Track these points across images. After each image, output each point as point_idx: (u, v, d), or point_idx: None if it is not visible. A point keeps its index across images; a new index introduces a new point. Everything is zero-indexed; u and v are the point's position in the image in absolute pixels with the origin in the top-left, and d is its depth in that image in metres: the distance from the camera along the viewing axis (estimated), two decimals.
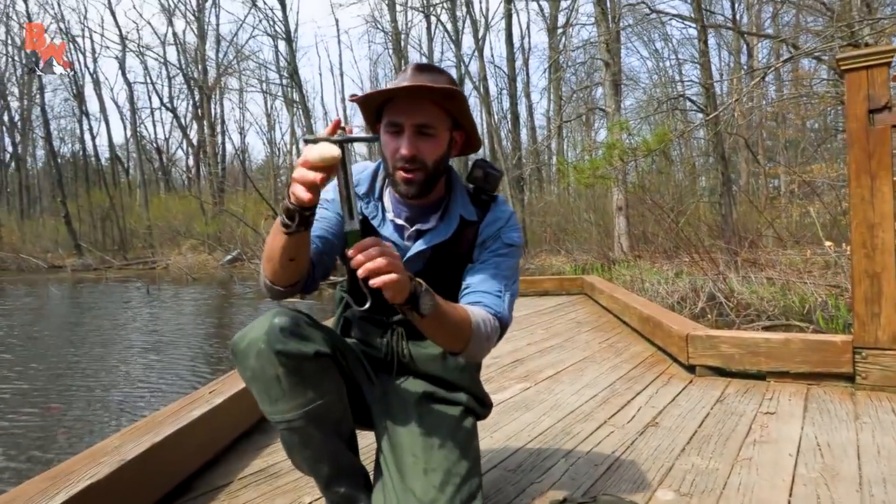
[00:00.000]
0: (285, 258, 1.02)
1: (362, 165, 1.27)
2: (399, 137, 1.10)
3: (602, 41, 11.09)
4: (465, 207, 1.22)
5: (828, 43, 7.10)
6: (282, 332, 1.02)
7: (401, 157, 1.09)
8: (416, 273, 1.18)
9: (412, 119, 1.09)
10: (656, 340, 3.18)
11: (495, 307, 1.15)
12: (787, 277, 5.22)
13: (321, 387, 1.07)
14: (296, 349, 1.03)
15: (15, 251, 24.08)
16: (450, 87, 1.07)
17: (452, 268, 1.22)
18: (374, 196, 1.22)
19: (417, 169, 1.10)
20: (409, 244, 1.20)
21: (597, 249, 10.87)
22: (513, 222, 1.25)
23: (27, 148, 31.85)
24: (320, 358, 1.06)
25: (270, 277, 1.07)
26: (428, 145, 1.11)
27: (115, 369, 5.14)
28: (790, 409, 2.08)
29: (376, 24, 23.66)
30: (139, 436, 1.48)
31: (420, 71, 1.12)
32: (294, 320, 1.05)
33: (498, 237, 1.22)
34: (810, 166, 11.18)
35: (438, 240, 1.18)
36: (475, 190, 1.25)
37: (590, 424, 2.01)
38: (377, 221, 1.21)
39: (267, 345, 1.01)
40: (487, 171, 1.24)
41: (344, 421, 1.15)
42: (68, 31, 27.82)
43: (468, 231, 1.21)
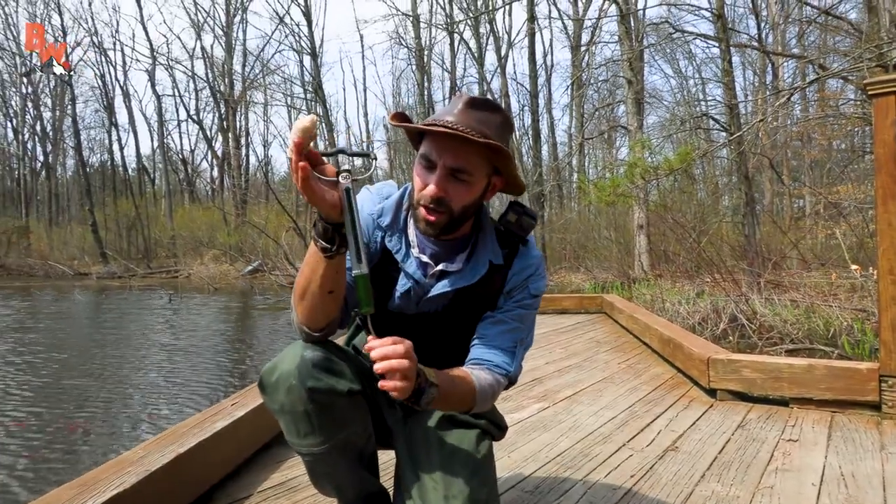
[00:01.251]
0: (325, 290, 0.98)
1: (385, 190, 1.21)
2: (430, 174, 1.04)
3: (625, 59, 11.10)
4: (494, 250, 1.15)
5: (856, 64, 7.03)
6: (314, 368, 1.00)
7: (427, 196, 1.04)
8: (436, 313, 1.18)
9: (447, 160, 1.03)
10: (677, 363, 3.15)
11: (506, 367, 1.13)
12: (811, 300, 5.13)
13: (350, 421, 1.08)
14: (328, 386, 1.01)
15: (43, 258, 24.67)
16: (495, 143, 1.00)
17: (473, 309, 1.18)
18: (398, 228, 1.15)
19: (441, 212, 1.05)
20: (432, 282, 1.15)
21: (617, 268, 10.79)
22: (541, 271, 1.21)
23: (58, 157, 32.74)
24: (352, 395, 1.05)
25: (307, 321, 1.03)
26: (459, 190, 1.05)
27: (137, 378, 5.23)
28: (813, 437, 2.05)
29: (400, 40, 23.96)
30: (164, 446, 1.51)
31: (471, 107, 1.03)
32: (326, 354, 1.03)
33: (525, 287, 1.18)
34: (836, 187, 11.02)
35: (463, 284, 1.14)
36: (505, 231, 1.18)
37: (608, 447, 2.00)
38: (401, 256, 1.14)
39: (299, 381, 0.99)
40: (522, 216, 1.17)
41: (367, 446, 1.16)
42: (101, 44, 28.65)
43: (494, 275, 1.16)
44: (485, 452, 1.17)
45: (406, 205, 1.17)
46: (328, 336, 1.08)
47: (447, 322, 1.19)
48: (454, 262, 1.15)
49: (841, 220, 9.27)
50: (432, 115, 1.06)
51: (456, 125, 1.00)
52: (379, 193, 1.20)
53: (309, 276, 1.00)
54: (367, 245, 1.15)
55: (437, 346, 1.23)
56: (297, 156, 0.86)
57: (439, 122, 1.02)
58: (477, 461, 1.15)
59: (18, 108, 30.86)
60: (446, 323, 1.19)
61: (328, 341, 1.08)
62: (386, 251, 1.15)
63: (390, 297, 1.17)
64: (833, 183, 11.92)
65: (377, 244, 1.16)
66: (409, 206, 1.17)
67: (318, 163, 0.91)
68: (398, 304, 1.17)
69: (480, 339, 1.16)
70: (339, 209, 0.91)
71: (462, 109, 1.03)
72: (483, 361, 1.13)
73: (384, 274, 1.16)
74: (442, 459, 1.13)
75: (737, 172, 10.35)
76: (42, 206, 32.53)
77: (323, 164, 0.92)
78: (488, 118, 1.04)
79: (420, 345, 1.24)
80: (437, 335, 1.20)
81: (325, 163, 0.92)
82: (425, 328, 1.19)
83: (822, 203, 11.20)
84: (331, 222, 0.93)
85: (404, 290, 1.15)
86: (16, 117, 31.11)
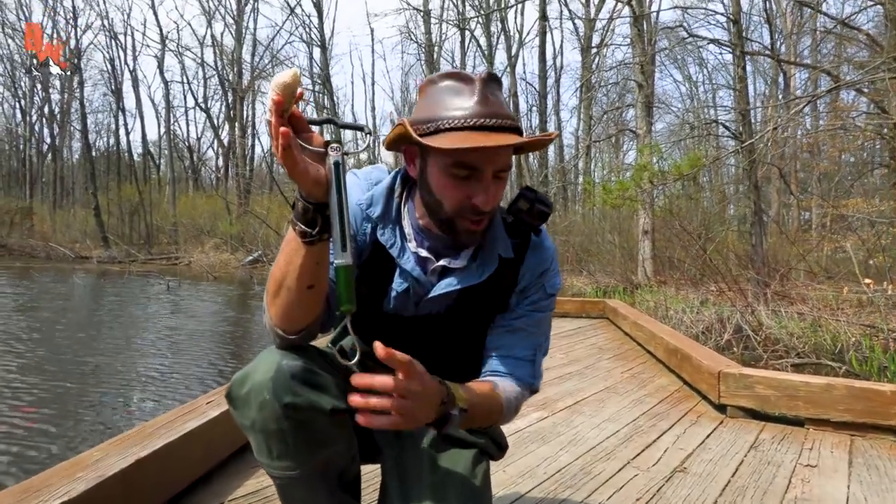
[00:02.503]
0: (303, 284, 0.83)
1: (374, 175, 1.05)
2: (469, 183, 0.89)
3: (637, 63, 10.93)
4: (503, 243, 1.01)
5: (872, 75, 6.87)
6: (293, 380, 0.85)
7: (474, 209, 0.90)
8: (438, 315, 1.03)
9: (496, 165, 0.89)
10: (683, 374, 3.01)
11: (528, 378, 1.04)
12: (819, 314, 4.99)
13: (331, 442, 0.93)
14: (307, 402, 0.86)
15: (45, 240, 24.62)
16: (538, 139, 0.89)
17: (481, 310, 1.05)
18: (390, 219, 1.00)
19: (486, 217, 0.93)
20: (433, 279, 1.00)
21: (620, 272, 10.65)
22: (556, 265, 1.08)
23: (64, 140, 32.68)
24: (335, 413, 0.90)
25: (282, 321, 0.88)
26: (500, 189, 0.93)
27: (124, 367, 5.10)
28: (833, 464, 1.90)
29: (410, 35, 23.79)
30: (125, 448, 1.37)
31: (489, 90, 0.89)
32: (306, 364, 0.87)
33: (541, 286, 1.05)
34: (845, 201, 10.87)
35: (471, 283, 0.99)
36: (514, 221, 1.03)
37: (612, 464, 1.86)
38: (395, 251, 0.99)
39: (273, 395, 0.84)
40: (536, 205, 1.01)
41: (350, 468, 1.02)
42: (111, 28, 28.56)
43: (504, 270, 1.02)
44: (481, 477, 1.03)
45: (399, 191, 1.02)
46: (307, 340, 0.92)
47: (451, 325, 1.04)
48: (458, 257, 1.00)
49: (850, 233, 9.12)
50: (436, 109, 0.89)
51: (488, 120, 0.86)
52: (367, 179, 1.04)
53: (285, 268, 0.84)
54: (354, 237, 0.99)
55: (439, 352, 1.08)
56: (278, 118, 0.72)
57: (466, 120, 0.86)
58: (473, 488, 1.00)
59: (27, 90, 30.81)
60: (450, 326, 1.04)
61: (310, 347, 0.92)
62: (377, 245, 1.00)
63: (385, 298, 1.02)
64: (841, 196, 11.77)
65: (366, 237, 1.00)
66: (402, 194, 1.02)
67: (303, 129, 0.77)
68: (394, 306, 1.02)
69: (496, 349, 1.04)
70: (323, 187, 0.76)
71: (482, 97, 0.88)
72: (503, 374, 1.02)
73: (377, 271, 1.01)
74: (433, 484, 0.98)
75: (746, 181, 10.20)
76: (47, 188, 32.45)
77: (309, 132, 0.77)
78: (502, 98, 0.91)
79: (420, 351, 1.09)
80: (440, 340, 1.06)
81: (311, 130, 0.78)
82: (425, 332, 1.04)
83: (830, 216, 11.05)
84: (312, 201, 0.78)
85: (402, 289, 1.00)
86: (24, 99, 31.08)
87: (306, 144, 0.76)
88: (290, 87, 0.70)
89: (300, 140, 0.76)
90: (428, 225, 0.98)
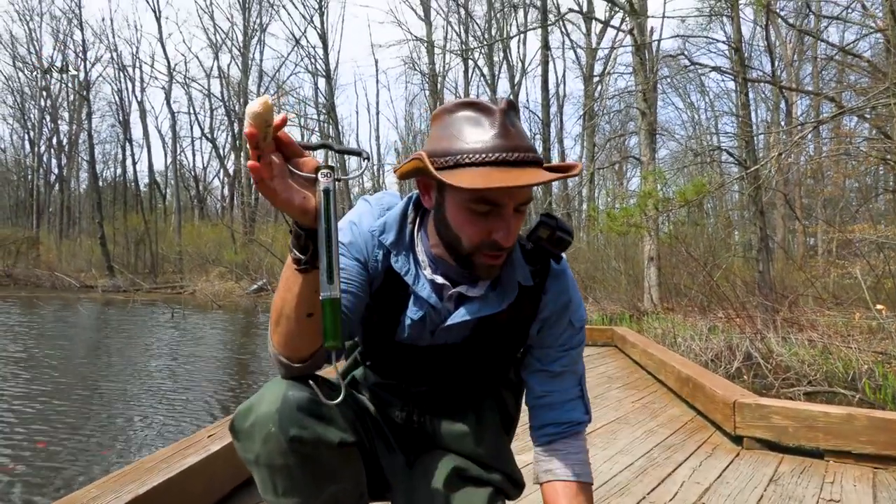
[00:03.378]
0: (301, 312, 0.80)
1: (386, 200, 1.03)
2: (488, 219, 0.86)
3: (639, 90, 11.02)
4: (523, 271, 0.98)
5: (875, 101, 6.89)
6: (299, 412, 0.82)
7: (493, 244, 0.87)
8: (456, 344, 1.00)
9: (516, 199, 0.86)
10: (696, 404, 2.93)
11: (582, 417, 1.06)
12: (829, 340, 4.92)
13: (339, 477, 0.89)
14: (314, 436, 0.83)
15: (51, 269, 24.68)
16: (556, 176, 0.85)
17: (499, 340, 1.01)
18: (404, 245, 0.97)
19: (506, 253, 0.90)
20: (450, 307, 0.97)
21: (626, 299, 10.57)
22: (578, 295, 1.06)
23: (72, 170, 33.02)
24: (343, 447, 0.86)
25: (284, 348, 0.85)
26: (520, 222, 0.90)
27: (128, 397, 5.04)
28: (857, 498, 1.83)
29: (414, 65, 24.13)
30: (122, 485, 1.33)
31: (509, 121, 0.85)
32: (313, 394, 0.84)
33: (567, 319, 1.03)
34: (851, 226, 10.83)
35: (489, 312, 0.96)
36: (534, 248, 1.00)
37: (627, 499, 1.79)
38: (410, 278, 0.96)
39: (279, 428, 0.81)
40: (558, 233, 0.97)
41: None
42: (120, 61, 29.07)
43: (524, 299, 0.99)
44: None
45: (412, 216, 0.99)
46: (314, 370, 0.88)
47: (468, 355, 1.01)
48: (476, 286, 0.96)
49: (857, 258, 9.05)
50: (455, 142, 0.85)
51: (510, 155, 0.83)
52: (379, 205, 1.02)
53: (283, 296, 0.82)
54: (366, 264, 0.96)
55: (455, 383, 1.06)
56: (253, 150, 0.68)
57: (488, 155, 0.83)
58: None
59: (36, 121, 31.25)
60: (467, 356, 1.01)
61: (317, 377, 0.89)
62: (390, 273, 0.97)
63: (399, 327, 0.99)
64: (847, 222, 11.74)
65: (378, 264, 0.97)
66: (415, 220, 0.99)
67: (294, 154, 0.73)
68: (409, 335, 0.99)
69: (545, 396, 1.05)
70: (311, 215, 0.73)
71: (502, 129, 0.84)
72: (562, 424, 1.04)
73: (390, 300, 0.98)
74: None
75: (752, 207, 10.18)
76: (54, 217, 32.70)
77: (301, 157, 0.74)
78: (521, 127, 0.88)
79: (436, 382, 1.06)
80: (456, 370, 1.03)
81: (303, 155, 0.74)
82: (441, 362, 1.01)
83: (836, 242, 11.00)
84: (304, 228, 0.76)
85: (417, 317, 0.97)
86: (33, 129, 31.50)
87: (296, 170, 0.73)
88: (261, 117, 0.67)
89: (290, 166, 0.73)
90: (442, 255, 0.95)
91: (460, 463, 1.04)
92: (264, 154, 0.69)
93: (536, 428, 1.06)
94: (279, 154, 0.71)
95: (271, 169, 0.70)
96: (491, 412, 1.10)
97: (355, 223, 0.99)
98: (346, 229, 0.99)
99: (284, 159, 0.72)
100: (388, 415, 1.09)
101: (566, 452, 1.02)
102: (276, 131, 0.69)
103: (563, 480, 1.00)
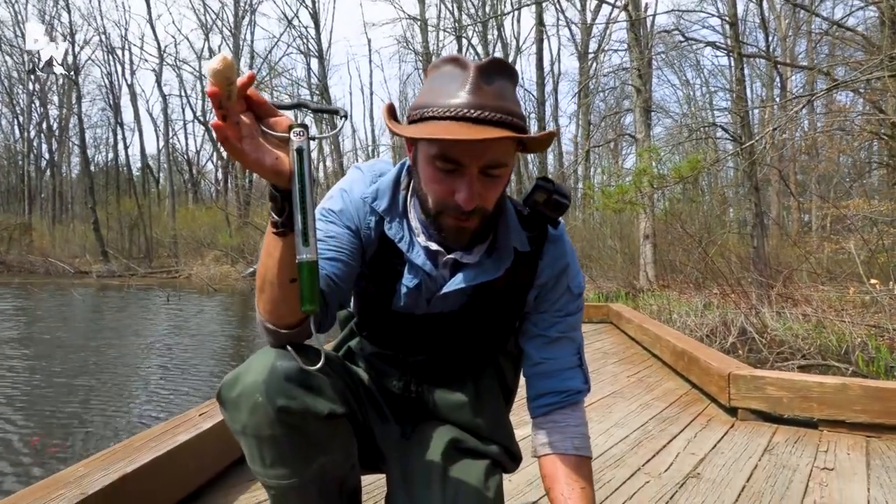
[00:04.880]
0: (284, 277, 0.78)
1: (378, 167, 1.00)
2: (452, 176, 0.83)
3: (634, 67, 10.92)
4: (518, 235, 0.96)
5: (869, 74, 6.84)
6: (287, 382, 0.80)
7: (456, 207, 0.84)
8: (453, 312, 0.98)
9: (477, 162, 0.81)
10: (692, 377, 2.93)
11: (581, 386, 1.02)
12: (823, 315, 4.93)
13: (328, 449, 0.87)
14: (303, 406, 0.81)
15: (44, 255, 24.53)
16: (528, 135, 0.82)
17: (496, 307, 0.99)
18: (397, 213, 0.95)
19: (475, 217, 0.86)
20: (445, 274, 0.95)
21: (621, 277, 10.59)
22: (575, 261, 1.03)
23: (63, 155, 32.69)
24: (332, 418, 0.84)
25: (270, 315, 0.82)
26: (491, 188, 0.85)
27: (123, 380, 5.03)
28: (851, 466, 1.83)
29: (407, 44, 23.82)
30: (110, 463, 1.31)
31: (483, 80, 0.81)
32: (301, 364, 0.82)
33: (565, 285, 1.00)
34: (845, 202, 10.84)
35: (485, 279, 0.94)
36: (531, 213, 0.98)
37: (622, 471, 1.79)
38: (405, 245, 0.94)
39: (266, 398, 0.79)
40: (555, 196, 0.95)
41: (349, 478, 0.96)
42: (109, 44, 28.63)
43: (520, 265, 0.97)
44: (494, 490, 0.96)
45: (405, 182, 0.97)
46: (302, 338, 0.86)
47: (465, 323, 0.99)
48: (471, 252, 0.94)
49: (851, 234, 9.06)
50: (428, 96, 0.83)
51: (473, 111, 0.79)
52: (371, 171, 0.99)
53: (265, 261, 0.79)
54: (358, 232, 0.94)
55: (452, 353, 1.04)
56: (217, 109, 0.65)
57: (450, 110, 0.80)
58: (485, 500, 0.94)
59: (25, 106, 30.83)
60: (464, 324, 0.99)
61: (307, 346, 0.87)
62: (384, 240, 0.95)
63: (394, 296, 0.97)
64: (841, 198, 11.74)
65: (371, 231, 0.95)
66: (408, 186, 0.97)
67: (267, 115, 0.70)
68: (405, 304, 0.97)
69: (542, 363, 1.01)
70: (285, 176, 0.70)
71: (474, 86, 0.81)
72: (561, 393, 1.00)
73: (385, 268, 0.96)
74: (445, 495, 0.92)
75: (747, 183, 10.15)
76: (46, 203, 32.42)
77: (273, 116, 0.71)
78: (503, 86, 0.83)
79: (433, 351, 1.04)
80: (453, 339, 1.01)
81: (276, 114, 0.71)
82: (438, 331, 0.99)
83: (830, 217, 11.01)
84: (280, 190, 0.73)
85: (412, 285, 0.95)
86: (22, 114, 31.10)
87: (269, 130, 0.70)
88: (221, 74, 0.62)
89: (263, 126, 0.70)
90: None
91: (457, 434, 1.02)
92: (231, 114, 0.66)
93: (533, 398, 1.02)
94: (250, 114, 0.69)
95: (239, 129, 0.67)
96: (489, 382, 1.08)
97: (346, 191, 0.97)
98: (336, 197, 0.97)
99: (257, 119, 0.70)
100: (385, 385, 1.07)
101: (565, 425, 0.99)
102: (243, 90, 0.66)
103: (562, 454, 0.97)
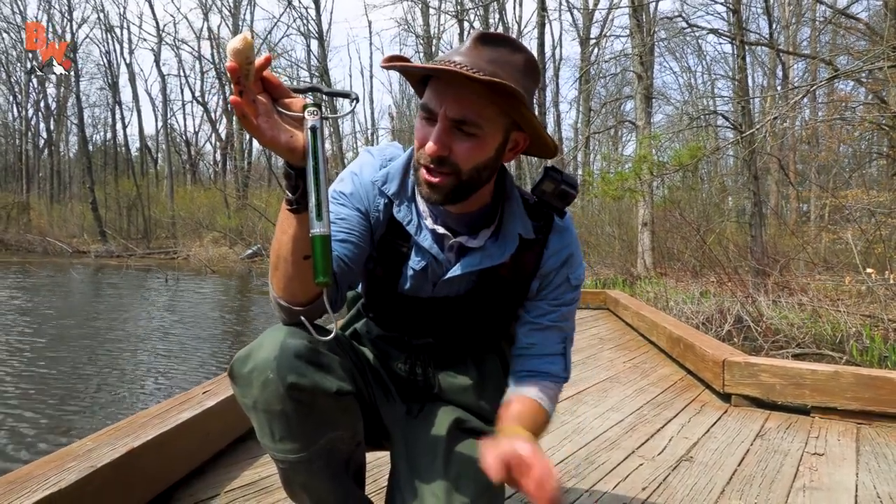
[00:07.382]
0: (298, 255, 0.81)
1: (389, 151, 1.02)
2: (430, 127, 0.85)
3: (636, 53, 10.85)
4: (523, 222, 0.98)
5: (871, 64, 6.82)
6: (297, 359, 0.82)
7: (426, 155, 0.85)
8: (458, 296, 1.00)
9: (448, 109, 0.83)
10: (687, 363, 2.97)
11: (561, 372, 1.05)
12: (819, 304, 4.97)
13: (336, 425, 0.90)
14: (312, 383, 0.83)
15: (42, 234, 24.50)
16: (500, 81, 0.79)
17: (500, 293, 1.01)
18: (406, 196, 0.97)
19: (445, 173, 0.86)
20: (451, 258, 0.97)
21: (619, 264, 10.62)
22: (579, 253, 1.05)
23: (61, 134, 32.48)
24: (341, 395, 0.87)
25: (283, 292, 0.85)
26: (465, 146, 0.85)
27: (123, 360, 5.06)
28: (841, 452, 1.87)
29: (409, 27, 23.63)
30: (117, 438, 1.34)
31: (483, 43, 0.83)
32: (313, 342, 0.85)
33: (565, 275, 1.02)
34: (844, 192, 10.85)
35: (490, 264, 0.96)
36: (538, 202, 1.00)
37: (616, 454, 1.83)
38: (413, 228, 0.96)
39: (277, 374, 0.81)
40: (563, 187, 0.97)
41: (355, 454, 0.98)
42: (107, 22, 28.34)
43: (525, 252, 0.99)
44: None
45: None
46: (315, 316, 0.88)
47: (469, 307, 1.01)
48: (476, 236, 0.96)
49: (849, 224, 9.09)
50: (439, 56, 0.87)
51: (461, 65, 0.81)
52: (381, 155, 1.02)
53: (279, 238, 0.83)
54: (367, 215, 0.97)
55: (457, 337, 1.06)
56: (236, 86, 0.69)
57: (441, 63, 0.83)
58: (487, 478, 0.97)
59: (23, 85, 30.57)
60: (468, 308, 1.01)
61: (317, 325, 0.89)
62: (392, 223, 0.98)
63: (401, 278, 0.99)
64: (840, 188, 11.74)
65: (380, 214, 0.98)
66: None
67: (282, 95, 0.74)
68: (411, 286, 0.99)
69: (528, 347, 1.03)
70: (300, 153, 0.74)
71: (471, 47, 0.84)
72: (539, 373, 1.01)
73: (392, 250, 0.99)
74: (447, 473, 0.95)
75: (746, 172, 10.15)
76: (44, 182, 32.28)
77: (288, 97, 0.75)
78: (505, 57, 0.84)
79: (438, 334, 1.06)
80: (458, 323, 1.03)
81: (290, 96, 0.75)
82: (443, 314, 1.02)
83: (828, 207, 11.03)
84: (294, 167, 0.76)
85: (419, 268, 0.97)
86: (20, 93, 30.85)
87: (284, 110, 0.74)
88: (241, 53, 0.67)
89: (278, 106, 0.74)
90: None
91: (461, 415, 1.05)
92: (248, 91, 0.70)
93: (512, 373, 1.05)
94: (266, 95, 0.73)
95: (256, 108, 0.71)
96: (493, 366, 1.11)
97: (356, 173, 1.00)
98: (347, 179, 0.99)
99: (273, 100, 0.74)
100: (391, 367, 1.10)
101: (536, 387, 1.01)
102: (260, 71, 0.71)
103: (522, 395, 0.99)
